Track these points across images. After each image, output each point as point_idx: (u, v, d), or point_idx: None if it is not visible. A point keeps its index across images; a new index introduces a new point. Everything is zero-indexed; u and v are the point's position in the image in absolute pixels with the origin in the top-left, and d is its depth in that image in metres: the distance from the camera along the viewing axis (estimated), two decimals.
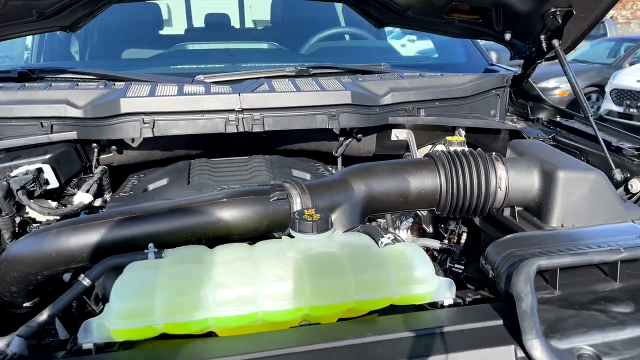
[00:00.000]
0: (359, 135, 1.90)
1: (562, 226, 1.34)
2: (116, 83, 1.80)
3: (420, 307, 0.98)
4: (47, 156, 1.63)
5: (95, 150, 1.73)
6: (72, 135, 1.64)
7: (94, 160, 1.75)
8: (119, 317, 0.84)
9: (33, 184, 1.58)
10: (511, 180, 1.37)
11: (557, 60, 1.92)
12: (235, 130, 1.65)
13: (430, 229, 1.86)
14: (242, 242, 1.12)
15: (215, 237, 1.15)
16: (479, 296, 1.02)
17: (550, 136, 2.02)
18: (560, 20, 1.80)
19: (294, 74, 2.03)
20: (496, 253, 0.99)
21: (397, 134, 1.95)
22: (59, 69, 1.95)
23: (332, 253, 0.97)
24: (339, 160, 1.97)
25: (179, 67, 2.30)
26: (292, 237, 1.07)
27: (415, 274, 0.94)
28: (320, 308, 0.91)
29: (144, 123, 1.59)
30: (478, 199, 1.36)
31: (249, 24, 3.30)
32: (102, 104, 1.62)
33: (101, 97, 1.67)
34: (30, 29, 1.68)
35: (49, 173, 1.62)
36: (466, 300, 1.00)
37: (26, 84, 1.81)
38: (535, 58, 2.04)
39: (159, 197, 1.41)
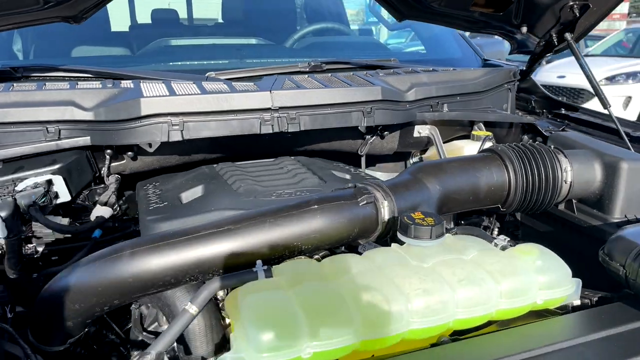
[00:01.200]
0: (385, 132, 1.83)
1: (626, 217, 1.34)
2: (122, 82, 1.61)
3: (547, 312, 0.93)
4: (57, 166, 1.42)
5: (108, 157, 1.53)
6: (85, 141, 1.44)
7: (106, 169, 1.55)
8: (266, 350, 0.72)
9: (44, 199, 1.37)
10: (575, 173, 1.36)
11: None
12: (271, 131, 1.53)
13: (451, 225, 1.83)
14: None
15: (308, 248, 1.03)
16: (600, 295, 0.99)
17: (560, 129, 2.05)
18: (576, 14, 1.82)
19: (307, 69, 1.93)
20: (624, 249, 0.96)
21: (420, 130, 1.90)
22: (48, 66, 1.72)
23: (463, 260, 0.89)
24: (363, 159, 1.89)
25: (173, 64, 2.12)
26: (401, 243, 0.98)
27: (555, 277, 0.88)
28: (465, 321, 0.83)
29: (172, 125, 1.43)
30: (545, 194, 1.34)
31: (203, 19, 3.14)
32: (119, 104, 1.44)
33: (114, 97, 1.49)
34: (31, 18, 1.45)
35: (59, 185, 1.41)
36: (593, 300, 0.96)
37: (14, 84, 1.58)
38: (544, 52, 2.07)
39: (210, 207, 1.26)
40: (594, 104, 3.11)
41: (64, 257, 1.49)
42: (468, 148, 1.81)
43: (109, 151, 1.51)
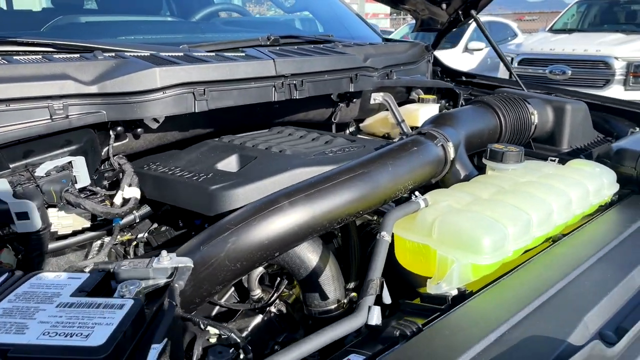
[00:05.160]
0: (354, 100, 1.98)
1: (571, 148, 1.74)
2: (105, 53, 1.45)
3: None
4: (73, 147, 1.25)
5: (113, 135, 1.38)
6: (100, 116, 1.28)
7: (111, 148, 1.39)
8: (486, 252, 0.83)
9: (69, 184, 1.20)
10: (537, 116, 1.70)
11: None
12: (283, 98, 1.56)
13: None
14: None
15: (414, 187, 1.15)
16: None
17: (468, 92, 2.45)
18: None
19: (268, 43, 1.96)
20: (631, 156, 1.29)
21: (375, 97, 2.09)
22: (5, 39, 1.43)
23: (550, 175, 1.12)
24: (334, 127, 2.00)
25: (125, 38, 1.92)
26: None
27: (609, 180, 1.17)
28: (560, 226, 1.06)
29: (198, 95, 1.36)
30: (522, 134, 1.66)
31: None
32: (133, 76, 1.31)
33: (116, 69, 1.34)
34: None
35: (80, 168, 1.24)
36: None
37: None
38: (449, 28, 2.44)
39: (275, 169, 1.25)
40: None
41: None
42: (422, 110, 2.06)
43: (119, 128, 1.37)
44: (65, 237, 1.28)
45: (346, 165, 1.06)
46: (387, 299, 0.85)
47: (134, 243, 1.46)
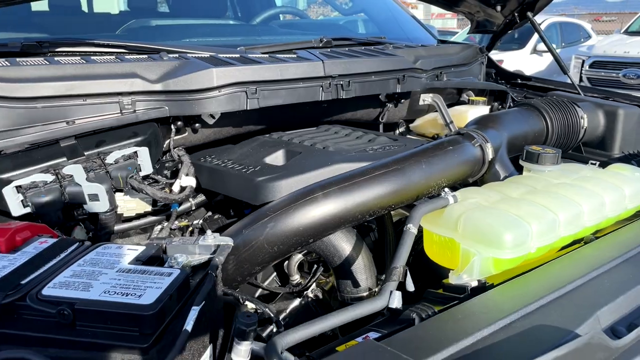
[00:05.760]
0: (402, 100, 2.03)
1: (623, 153, 1.71)
2: (170, 55, 1.59)
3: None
4: (139, 138, 1.39)
5: (174, 129, 1.52)
6: (163, 112, 1.42)
7: (172, 141, 1.53)
8: (507, 247, 0.88)
9: (134, 171, 1.34)
10: (587, 120, 1.69)
11: None
12: (330, 97, 1.64)
13: None
14: None
15: (448, 185, 1.19)
16: None
17: (522, 95, 2.43)
18: None
19: (320, 45, 2.05)
20: None
21: (425, 98, 2.13)
22: (77, 40, 1.62)
23: (586, 177, 1.13)
24: (381, 126, 2.06)
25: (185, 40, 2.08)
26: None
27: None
28: (604, 223, 1.07)
29: (249, 93, 1.47)
30: (570, 138, 1.65)
31: None
32: (192, 75, 1.44)
33: (178, 69, 1.47)
34: None
35: (144, 157, 1.37)
36: None
37: (61, 59, 1.47)
38: (505, 30, 2.43)
39: (319, 163, 1.34)
40: None
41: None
42: (471, 112, 2.08)
43: (179, 123, 1.50)
44: (129, 219, 1.43)
45: (381, 162, 1.13)
46: (410, 286, 0.91)
47: (190, 229, 1.59)
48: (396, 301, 0.84)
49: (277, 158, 1.50)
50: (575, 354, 0.65)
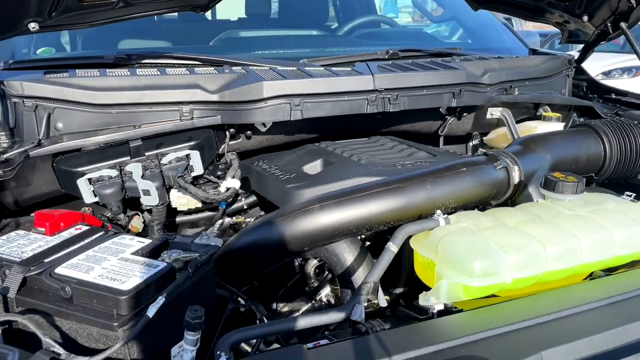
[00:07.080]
0: (464, 114, 2.00)
1: None
2: (233, 68, 1.75)
3: None
4: (193, 142, 1.57)
5: (228, 135, 1.69)
6: (215, 120, 1.59)
7: (226, 146, 1.70)
8: (477, 275, 0.88)
9: (185, 172, 1.53)
10: None
11: None
12: (375, 110, 1.68)
13: None
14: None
15: (458, 206, 1.19)
16: None
17: (614, 112, 2.23)
18: (633, 4, 2.00)
19: (386, 57, 2.09)
20: None
21: (492, 112, 2.06)
22: (157, 53, 1.86)
23: (606, 209, 1.06)
24: (441, 139, 2.05)
25: (258, 52, 2.26)
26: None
27: None
28: (619, 258, 1.00)
29: (294, 105, 1.58)
30: (635, 163, 1.51)
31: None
32: (244, 87, 1.58)
33: (234, 81, 1.63)
34: (160, 7, 1.60)
35: (196, 160, 1.55)
36: None
37: (140, 71, 1.71)
38: (597, 40, 2.24)
39: (343, 175, 1.41)
40: None
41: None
42: (541, 128, 1.97)
43: (232, 130, 1.66)
44: (189, 213, 1.62)
45: (384, 180, 1.17)
46: (382, 302, 0.95)
47: (244, 226, 1.75)
48: (358, 314, 0.89)
49: (314, 167, 1.59)
50: None
